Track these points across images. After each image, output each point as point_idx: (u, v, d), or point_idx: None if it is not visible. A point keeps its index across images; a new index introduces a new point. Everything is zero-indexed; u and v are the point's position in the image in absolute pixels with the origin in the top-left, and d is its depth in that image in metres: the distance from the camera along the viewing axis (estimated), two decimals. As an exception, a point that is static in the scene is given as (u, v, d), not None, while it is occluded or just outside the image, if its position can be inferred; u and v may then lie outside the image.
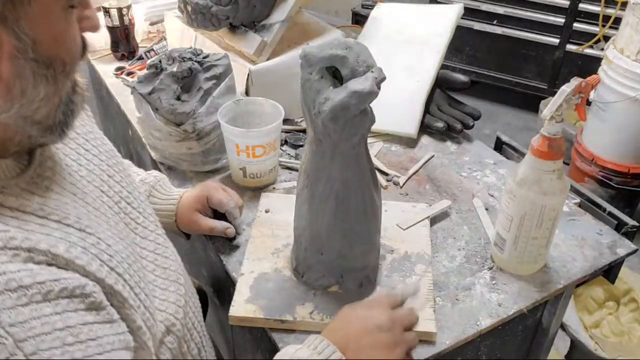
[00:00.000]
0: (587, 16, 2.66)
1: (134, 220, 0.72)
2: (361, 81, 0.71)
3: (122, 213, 0.70)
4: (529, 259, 0.90)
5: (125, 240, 0.64)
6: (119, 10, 1.48)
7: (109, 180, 0.70)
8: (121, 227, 0.67)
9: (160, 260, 0.74)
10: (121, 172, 0.74)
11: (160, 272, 0.73)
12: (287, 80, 1.19)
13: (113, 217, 0.66)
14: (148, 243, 0.73)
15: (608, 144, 2.07)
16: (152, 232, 0.75)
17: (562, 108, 0.79)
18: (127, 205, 0.71)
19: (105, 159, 0.72)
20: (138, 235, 0.72)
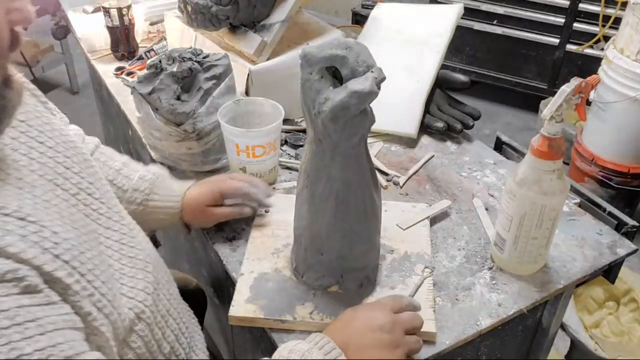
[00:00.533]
0: (587, 16, 2.66)
1: (95, 211, 0.72)
2: (361, 81, 0.71)
3: (81, 204, 0.69)
4: (529, 259, 0.90)
5: (80, 230, 0.64)
6: (119, 10, 1.48)
7: (66, 172, 0.69)
8: (77, 217, 0.66)
9: (126, 249, 0.73)
10: (81, 164, 0.73)
11: (126, 261, 0.72)
12: (287, 80, 1.19)
13: (68, 208, 0.65)
14: (112, 233, 0.73)
15: (608, 144, 2.07)
16: (117, 223, 0.75)
17: (562, 108, 0.79)
18: (87, 197, 0.71)
19: (62, 151, 0.70)
20: (101, 225, 0.72)
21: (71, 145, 0.73)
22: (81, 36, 1.63)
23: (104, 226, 0.72)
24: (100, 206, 0.73)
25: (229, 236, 0.99)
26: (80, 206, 0.69)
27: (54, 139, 0.70)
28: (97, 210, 0.72)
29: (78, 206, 0.68)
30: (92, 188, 0.72)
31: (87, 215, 0.70)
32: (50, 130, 0.71)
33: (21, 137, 0.66)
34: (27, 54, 2.52)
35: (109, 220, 0.74)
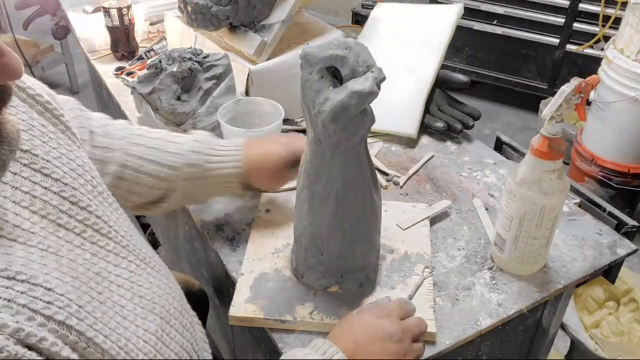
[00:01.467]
0: (587, 16, 2.67)
1: (103, 248, 0.66)
2: (361, 81, 0.71)
3: (88, 243, 0.64)
4: (529, 259, 0.90)
5: (82, 278, 0.60)
6: (119, 10, 1.48)
7: (71, 208, 0.64)
8: (80, 261, 0.61)
9: (136, 288, 0.68)
10: (90, 193, 0.68)
11: (137, 301, 0.67)
12: (287, 80, 1.19)
13: (71, 251, 0.61)
14: (122, 271, 0.68)
15: (608, 144, 2.08)
16: (125, 259, 0.69)
17: (562, 108, 0.79)
18: (94, 234, 0.65)
19: (69, 182, 0.65)
20: (110, 263, 0.66)
21: (80, 173, 0.68)
22: (81, 36, 1.63)
23: (113, 264, 0.67)
24: (108, 242, 0.68)
25: (229, 236, 0.99)
26: (86, 245, 0.64)
27: (62, 168, 0.65)
28: (105, 247, 0.67)
29: (84, 246, 0.64)
30: (100, 223, 0.67)
31: (95, 254, 0.65)
32: (59, 157, 0.66)
33: (24, 171, 0.60)
34: (27, 54, 2.52)
35: (117, 257, 0.68)
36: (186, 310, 0.79)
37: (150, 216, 1.79)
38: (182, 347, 0.73)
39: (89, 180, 0.69)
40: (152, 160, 0.90)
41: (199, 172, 0.91)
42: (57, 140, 0.68)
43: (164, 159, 0.91)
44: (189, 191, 0.93)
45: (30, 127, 0.64)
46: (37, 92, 0.69)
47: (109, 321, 0.60)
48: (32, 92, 0.68)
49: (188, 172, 0.91)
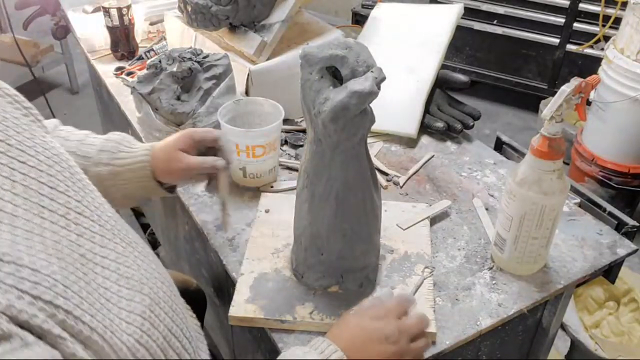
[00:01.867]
0: (587, 16, 2.67)
1: (88, 229, 0.67)
2: (361, 81, 0.71)
3: (73, 224, 0.65)
4: (529, 259, 0.90)
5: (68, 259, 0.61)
6: (118, 10, 1.48)
7: (52, 192, 0.65)
8: (66, 242, 0.63)
9: (122, 269, 0.69)
10: (68, 180, 0.69)
11: (124, 282, 0.68)
12: (287, 80, 1.19)
13: (56, 233, 0.62)
14: (108, 252, 0.69)
15: (608, 144, 2.08)
16: (110, 241, 0.70)
17: (562, 108, 0.79)
18: (77, 216, 0.67)
19: (45, 169, 0.66)
20: (96, 244, 0.67)
21: (56, 160, 0.70)
22: (81, 36, 1.63)
23: (99, 245, 0.68)
24: (92, 224, 0.69)
25: (229, 236, 0.99)
26: (71, 226, 0.65)
27: (37, 157, 0.66)
28: (90, 228, 0.68)
29: (69, 227, 0.65)
30: (81, 206, 0.69)
31: (80, 234, 0.66)
32: (33, 145, 0.67)
33: (2, 158, 0.62)
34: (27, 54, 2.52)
35: (103, 238, 0.70)
36: (176, 296, 0.80)
37: (150, 216, 1.79)
38: (171, 331, 0.73)
39: (65, 167, 0.71)
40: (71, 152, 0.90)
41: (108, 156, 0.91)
42: (30, 130, 0.69)
43: (79, 150, 0.92)
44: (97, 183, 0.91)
45: (3, 118, 0.66)
46: (3, 85, 0.71)
47: (95, 302, 0.61)
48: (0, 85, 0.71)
49: (98, 158, 0.91)
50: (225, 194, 0.94)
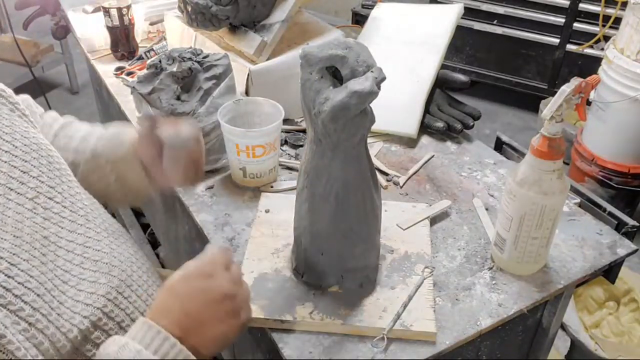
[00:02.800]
0: (587, 16, 2.67)
1: (57, 214, 0.70)
2: (361, 81, 0.71)
3: (41, 207, 0.68)
4: (529, 259, 0.90)
5: (26, 237, 0.63)
6: (118, 10, 1.48)
7: (22, 176, 0.68)
8: (28, 223, 0.65)
9: (90, 252, 0.72)
10: (44, 167, 0.72)
11: (89, 265, 0.71)
12: (287, 80, 1.19)
13: (20, 214, 0.65)
14: (76, 236, 0.72)
15: (608, 144, 2.08)
16: (82, 226, 0.73)
17: (562, 108, 0.79)
18: (47, 200, 0.70)
19: (20, 155, 0.70)
20: (64, 228, 0.70)
21: (34, 148, 0.72)
22: (81, 36, 1.63)
23: (67, 229, 0.71)
24: (63, 210, 0.72)
25: (229, 236, 0.99)
26: (38, 209, 0.68)
27: (12, 143, 0.70)
28: (59, 213, 0.71)
29: (36, 209, 0.68)
30: (53, 192, 0.71)
31: (47, 218, 0.69)
32: (10, 133, 0.70)
33: None
34: (27, 54, 2.52)
35: (73, 223, 0.72)
36: (153, 280, 0.81)
37: (150, 216, 1.79)
38: (141, 311, 0.74)
39: (44, 156, 0.73)
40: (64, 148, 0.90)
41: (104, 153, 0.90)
42: (10, 120, 0.72)
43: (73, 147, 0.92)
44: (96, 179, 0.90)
45: None
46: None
47: (46, 281, 0.63)
48: None
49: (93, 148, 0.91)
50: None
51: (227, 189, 1.10)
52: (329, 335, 0.81)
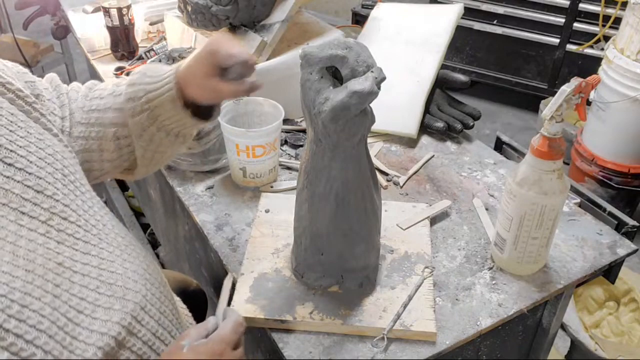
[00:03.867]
0: (587, 16, 2.67)
1: (71, 235, 0.66)
2: (361, 81, 0.71)
3: (54, 230, 0.64)
4: (529, 259, 0.90)
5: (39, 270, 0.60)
6: (118, 10, 1.48)
7: (36, 196, 0.63)
8: (42, 251, 0.61)
9: (105, 275, 0.68)
10: (59, 181, 0.67)
11: (105, 289, 0.67)
12: (287, 80, 1.19)
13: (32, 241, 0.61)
14: (90, 258, 0.67)
15: (608, 144, 2.08)
16: (95, 247, 0.69)
17: (562, 108, 0.79)
18: (61, 221, 0.65)
19: (35, 171, 0.65)
20: (78, 251, 0.66)
21: (49, 161, 0.68)
22: (81, 36, 1.63)
23: (81, 251, 0.66)
24: (77, 230, 0.67)
25: (229, 236, 0.99)
26: (52, 233, 0.64)
27: (27, 157, 0.65)
28: (74, 234, 0.67)
29: (49, 233, 0.63)
30: (67, 210, 0.67)
31: (61, 241, 0.65)
32: (26, 145, 0.65)
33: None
34: (27, 54, 2.52)
35: (87, 244, 0.68)
36: (167, 297, 0.78)
37: (150, 216, 1.79)
38: (156, 335, 0.72)
39: (58, 169, 0.69)
40: (103, 109, 0.84)
41: (140, 103, 0.81)
42: (26, 129, 0.68)
43: (111, 104, 0.84)
44: (142, 131, 0.83)
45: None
46: (7, 79, 0.69)
47: (59, 318, 0.60)
48: (2, 81, 0.69)
49: (132, 108, 0.81)
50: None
51: (227, 189, 1.10)
52: (329, 335, 0.81)
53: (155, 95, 0.80)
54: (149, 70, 0.83)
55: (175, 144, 0.86)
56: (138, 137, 0.83)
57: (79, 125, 0.83)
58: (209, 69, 0.77)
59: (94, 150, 0.83)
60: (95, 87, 0.88)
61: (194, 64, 0.78)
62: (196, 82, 0.78)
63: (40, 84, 0.79)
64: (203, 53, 0.77)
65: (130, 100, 0.81)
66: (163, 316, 0.75)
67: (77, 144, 0.82)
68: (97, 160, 0.84)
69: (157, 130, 0.82)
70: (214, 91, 0.78)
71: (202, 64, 0.77)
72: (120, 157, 0.86)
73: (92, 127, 0.83)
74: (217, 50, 0.76)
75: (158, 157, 0.87)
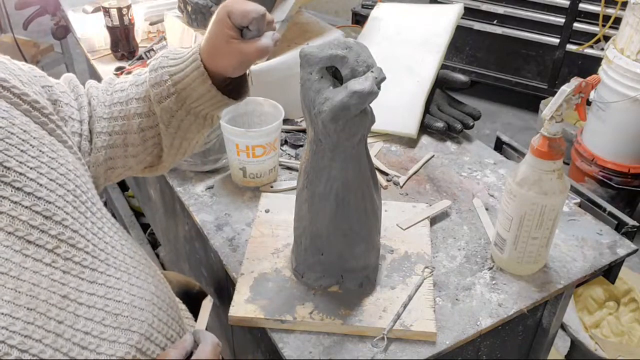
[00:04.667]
0: (587, 16, 2.67)
1: (78, 264, 0.63)
2: (361, 81, 0.71)
3: (61, 259, 0.61)
4: (529, 259, 0.90)
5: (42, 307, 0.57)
6: (118, 10, 1.48)
7: (45, 223, 0.60)
8: (46, 284, 0.59)
9: (112, 305, 0.65)
10: (70, 204, 0.64)
11: (110, 320, 0.64)
12: (287, 80, 1.19)
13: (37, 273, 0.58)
14: (97, 288, 0.64)
15: (608, 144, 2.08)
16: (103, 274, 0.66)
17: (562, 108, 0.79)
18: (69, 249, 0.62)
19: (45, 194, 0.61)
20: (85, 280, 0.63)
21: (61, 182, 0.64)
22: (81, 36, 1.63)
23: (88, 280, 0.64)
24: (85, 257, 0.64)
25: (229, 236, 0.99)
26: (58, 262, 0.61)
27: (38, 180, 0.61)
28: (81, 262, 0.64)
29: (56, 263, 0.60)
30: (76, 237, 0.64)
31: (67, 271, 0.62)
32: (37, 166, 0.62)
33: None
34: (27, 54, 2.52)
35: (94, 272, 0.65)
36: (174, 320, 0.76)
37: (150, 216, 1.79)
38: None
39: (70, 189, 0.65)
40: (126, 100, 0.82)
41: (167, 87, 0.79)
42: (39, 147, 0.64)
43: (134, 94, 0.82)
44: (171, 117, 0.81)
45: (8, 134, 0.61)
46: (22, 90, 0.66)
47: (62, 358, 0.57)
48: (17, 92, 0.66)
49: (158, 93, 0.79)
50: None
51: (227, 189, 1.10)
52: (329, 335, 0.81)
53: (182, 77, 0.78)
54: (170, 54, 0.81)
55: (204, 127, 0.84)
56: (167, 124, 0.81)
57: (101, 120, 0.80)
58: (228, 33, 0.75)
59: (118, 145, 0.81)
60: (114, 81, 0.86)
61: (212, 34, 0.76)
62: (221, 51, 0.76)
63: (58, 88, 0.77)
64: (218, 19, 0.75)
65: (156, 85, 0.79)
66: (170, 341, 0.73)
67: (100, 140, 0.80)
68: (121, 157, 0.82)
69: (186, 114, 0.80)
70: (240, 54, 0.76)
71: (220, 31, 0.75)
72: (145, 151, 0.84)
73: (116, 121, 0.81)
74: (231, 11, 0.74)
75: (185, 144, 0.85)
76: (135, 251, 0.75)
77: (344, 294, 0.86)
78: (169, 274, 1.17)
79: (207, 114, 0.82)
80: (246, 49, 0.75)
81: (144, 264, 0.75)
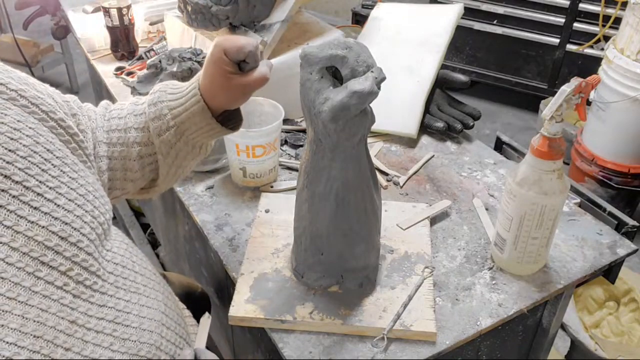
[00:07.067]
0: (587, 16, 2.67)
1: (89, 287, 0.62)
2: (361, 81, 0.71)
3: (73, 282, 0.60)
4: (529, 259, 0.90)
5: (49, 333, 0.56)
6: (119, 10, 1.48)
7: (59, 244, 0.59)
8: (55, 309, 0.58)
9: (120, 330, 0.64)
10: (85, 227, 0.63)
11: (118, 346, 0.63)
12: (287, 80, 1.19)
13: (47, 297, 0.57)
14: (107, 312, 0.64)
15: (608, 144, 2.08)
16: (112, 297, 0.65)
17: (562, 108, 0.79)
18: (81, 272, 0.61)
19: (61, 215, 0.61)
20: (94, 304, 0.62)
21: (79, 203, 0.64)
22: (81, 36, 1.63)
23: (97, 304, 0.63)
24: (96, 281, 0.64)
25: (229, 236, 0.99)
26: (70, 285, 0.60)
27: (55, 201, 0.61)
28: (91, 286, 0.63)
29: (67, 286, 0.60)
30: (89, 259, 0.63)
31: (78, 295, 0.61)
32: (57, 186, 0.62)
33: (11, 204, 0.57)
34: (27, 54, 2.52)
35: (104, 295, 0.64)
36: (181, 337, 0.76)
37: (150, 216, 1.79)
38: None
39: (89, 210, 0.65)
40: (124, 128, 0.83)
41: (167, 120, 0.81)
42: (60, 167, 0.64)
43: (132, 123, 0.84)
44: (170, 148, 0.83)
45: (31, 153, 0.61)
46: (50, 108, 0.68)
47: None
48: (45, 109, 0.67)
49: (157, 127, 0.81)
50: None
51: (227, 189, 1.10)
52: (329, 335, 0.82)
53: (182, 111, 0.81)
54: (168, 88, 0.83)
55: (198, 156, 0.88)
56: (165, 154, 0.84)
57: (102, 144, 0.82)
58: (227, 69, 0.78)
59: (117, 169, 0.84)
60: (111, 107, 0.88)
61: (211, 73, 0.79)
62: (222, 87, 0.79)
63: (74, 103, 0.78)
64: (215, 58, 0.78)
65: (155, 119, 0.82)
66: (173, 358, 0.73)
67: (104, 163, 0.82)
68: (119, 179, 0.85)
69: (184, 145, 0.84)
70: (242, 87, 0.79)
71: (219, 69, 0.78)
72: (143, 177, 0.87)
73: (115, 147, 0.83)
74: (226, 48, 0.77)
75: (180, 171, 0.89)
76: (145, 267, 0.76)
77: (344, 294, 0.86)
78: (171, 276, 1.17)
79: (203, 144, 0.86)
80: (247, 81, 0.79)
81: (154, 281, 0.76)
